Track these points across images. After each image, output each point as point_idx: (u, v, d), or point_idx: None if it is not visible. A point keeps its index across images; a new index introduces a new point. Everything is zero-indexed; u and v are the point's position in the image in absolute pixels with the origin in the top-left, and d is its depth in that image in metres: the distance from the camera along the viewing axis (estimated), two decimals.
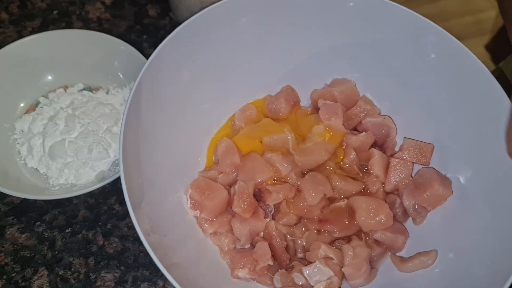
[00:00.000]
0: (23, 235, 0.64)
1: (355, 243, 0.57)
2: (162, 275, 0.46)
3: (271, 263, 0.55)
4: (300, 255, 0.59)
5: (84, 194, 0.64)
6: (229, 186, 0.60)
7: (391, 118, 0.65)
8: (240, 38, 0.63)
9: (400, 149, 0.63)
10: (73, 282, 0.61)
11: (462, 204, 0.58)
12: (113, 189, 0.67)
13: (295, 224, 0.60)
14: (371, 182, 0.61)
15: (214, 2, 0.58)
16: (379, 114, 0.66)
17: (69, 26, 0.81)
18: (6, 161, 0.65)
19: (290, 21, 0.63)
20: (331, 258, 0.56)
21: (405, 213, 0.61)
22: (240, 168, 0.60)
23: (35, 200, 0.66)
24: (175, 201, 0.59)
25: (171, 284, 0.46)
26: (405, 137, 0.64)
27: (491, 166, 0.55)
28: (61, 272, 0.62)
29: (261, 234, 0.59)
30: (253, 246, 0.58)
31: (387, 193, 0.62)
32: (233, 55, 0.64)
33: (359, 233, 0.59)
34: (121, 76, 0.72)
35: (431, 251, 0.56)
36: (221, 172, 0.61)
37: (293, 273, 0.55)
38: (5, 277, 0.61)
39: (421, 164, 0.62)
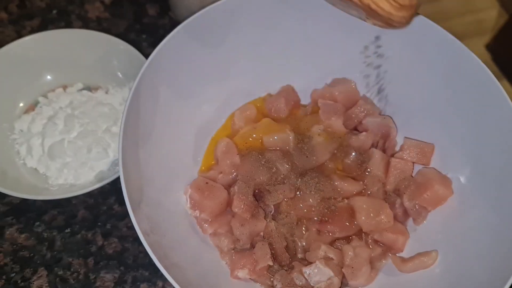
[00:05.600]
0: (22, 235, 0.64)
1: (355, 243, 0.57)
2: (162, 275, 0.46)
3: (271, 263, 0.55)
4: (300, 255, 0.59)
5: (83, 194, 0.63)
6: (229, 186, 0.60)
7: (391, 118, 0.65)
8: (240, 38, 0.62)
9: (400, 149, 0.63)
10: (73, 282, 0.61)
11: (462, 204, 0.58)
12: (112, 189, 0.67)
13: (295, 224, 0.60)
14: (371, 182, 0.61)
15: (214, 2, 0.58)
16: (379, 114, 0.66)
17: (69, 25, 0.81)
18: (5, 161, 0.64)
19: (290, 21, 0.63)
20: (331, 258, 0.56)
21: (405, 213, 0.60)
22: (240, 168, 0.60)
23: (34, 200, 0.65)
24: (175, 201, 0.59)
25: (170, 284, 0.46)
26: (405, 137, 0.63)
27: (491, 166, 0.55)
28: (60, 273, 0.61)
29: (261, 234, 0.59)
30: (253, 246, 0.58)
31: (387, 193, 0.62)
32: (233, 54, 0.63)
33: (359, 233, 0.59)
34: (120, 75, 0.72)
35: (431, 251, 0.56)
36: (221, 172, 0.61)
37: (293, 274, 0.55)
38: (4, 277, 0.61)
39: (421, 164, 0.62)
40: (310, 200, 0.58)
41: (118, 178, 0.50)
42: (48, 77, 0.72)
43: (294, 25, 0.63)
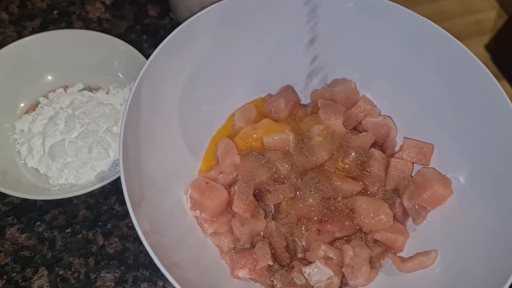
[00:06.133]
0: (23, 235, 0.64)
1: (355, 243, 0.57)
2: (162, 275, 0.46)
3: (271, 263, 0.55)
4: (300, 255, 0.59)
5: (84, 194, 0.64)
6: (229, 186, 0.60)
7: (391, 118, 0.65)
8: (240, 38, 0.63)
9: (400, 149, 0.63)
10: (73, 282, 0.61)
11: (462, 204, 0.58)
12: (113, 189, 0.67)
13: (295, 224, 0.60)
14: (371, 182, 0.61)
15: (214, 2, 0.58)
16: (379, 114, 0.66)
17: (69, 26, 0.81)
18: (6, 161, 0.65)
19: (290, 21, 0.63)
20: (331, 258, 0.56)
21: (405, 213, 0.61)
22: (240, 168, 0.60)
23: (35, 200, 0.66)
24: (175, 201, 0.59)
25: (171, 284, 0.46)
26: (405, 137, 0.64)
27: (491, 166, 0.55)
28: (61, 272, 0.62)
29: (261, 234, 0.59)
30: (253, 246, 0.58)
31: (386, 193, 0.62)
32: (233, 55, 0.64)
33: (359, 233, 0.59)
34: (121, 76, 0.72)
35: (431, 251, 0.56)
36: (221, 172, 0.61)
37: (293, 273, 0.55)
38: (5, 277, 0.61)
39: (421, 164, 0.62)
40: (310, 200, 0.58)
41: (119, 178, 0.50)
42: (49, 77, 0.72)
43: (294, 25, 0.63)
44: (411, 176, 0.62)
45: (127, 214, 0.65)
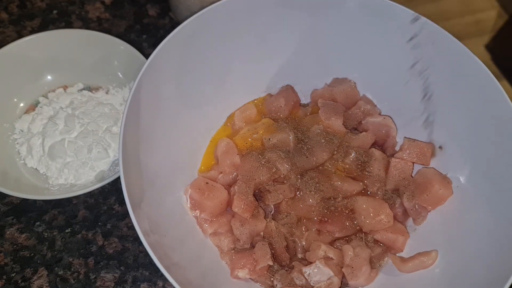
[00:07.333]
0: (23, 235, 0.64)
1: (355, 243, 0.57)
2: (162, 275, 0.46)
3: (271, 263, 0.55)
4: (300, 255, 0.59)
5: (84, 194, 0.64)
6: (229, 186, 0.60)
7: (391, 118, 0.65)
8: (240, 38, 0.63)
9: (400, 149, 0.63)
10: (73, 282, 0.61)
11: (462, 204, 0.58)
12: (112, 189, 0.67)
13: (295, 224, 0.60)
14: (371, 182, 0.61)
15: (214, 2, 0.58)
16: (379, 114, 0.66)
17: (69, 26, 0.81)
18: (5, 161, 0.64)
19: (290, 21, 0.63)
20: (331, 258, 0.56)
21: (405, 213, 0.61)
22: (240, 168, 0.60)
23: (35, 200, 0.66)
24: (175, 201, 0.59)
25: (171, 284, 0.46)
26: (405, 137, 0.64)
27: (491, 166, 0.55)
28: (60, 272, 0.62)
29: (261, 234, 0.59)
30: (253, 246, 0.58)
31: (387, 193, 0.62)
32: (233, 55, 0.63)
33: (359, 233, 0.59)
34: (120, 76, 0.72)
35: (431, 251, 0.56)
36: (221, 172, 0.61)
37: (293, 273, 0.55)
38: (4, 277, 0.61)
39: (421, 164, 0.62)
40: (310, 200, 0.58)
41: (119, 178, 0.50)
42: (49, 77, 0.72)
43: (294, 25, 0.63)
44: (411, 176, 0.62)
45: (127, 214, 0.65)
